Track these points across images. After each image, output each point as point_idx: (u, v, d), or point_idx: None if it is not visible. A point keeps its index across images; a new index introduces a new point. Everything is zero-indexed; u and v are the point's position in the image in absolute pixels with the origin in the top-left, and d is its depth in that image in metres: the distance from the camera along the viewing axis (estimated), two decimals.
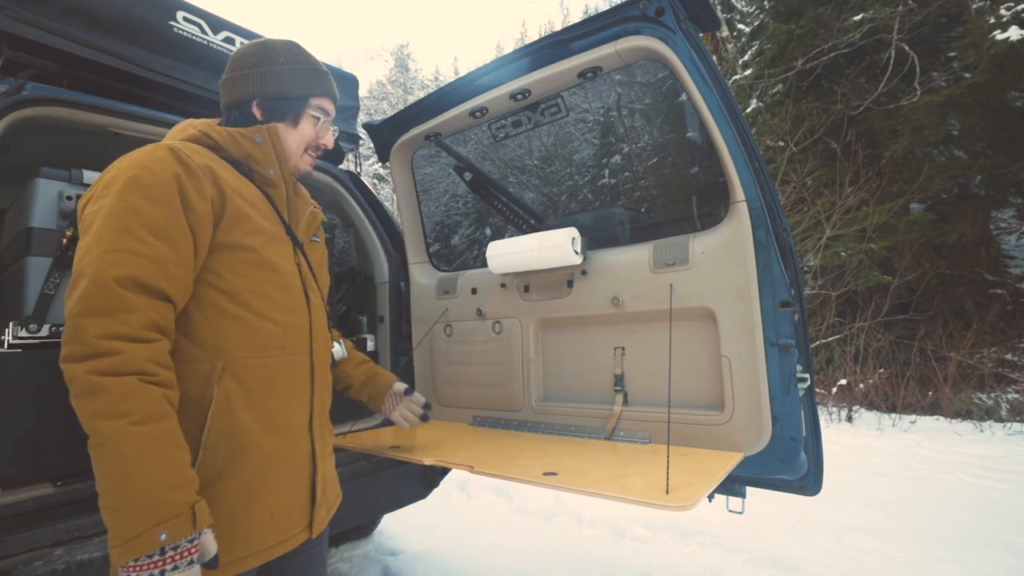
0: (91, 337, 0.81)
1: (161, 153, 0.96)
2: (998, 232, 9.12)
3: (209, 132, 1.08)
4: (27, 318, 1.53)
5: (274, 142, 1.12)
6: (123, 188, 0.90)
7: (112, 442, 0.80)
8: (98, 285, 0.83)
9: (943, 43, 8.03)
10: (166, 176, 0.93)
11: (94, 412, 0.80)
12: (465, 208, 5.33)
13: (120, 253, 0.85)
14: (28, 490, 1.42)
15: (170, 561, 0.79)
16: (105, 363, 0.81)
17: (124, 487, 0.79)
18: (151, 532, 0.78)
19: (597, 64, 1.75)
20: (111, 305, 0.83)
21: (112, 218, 0.87)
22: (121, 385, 0.81)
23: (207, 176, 0.98)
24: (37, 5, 1.58)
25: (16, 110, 1.46)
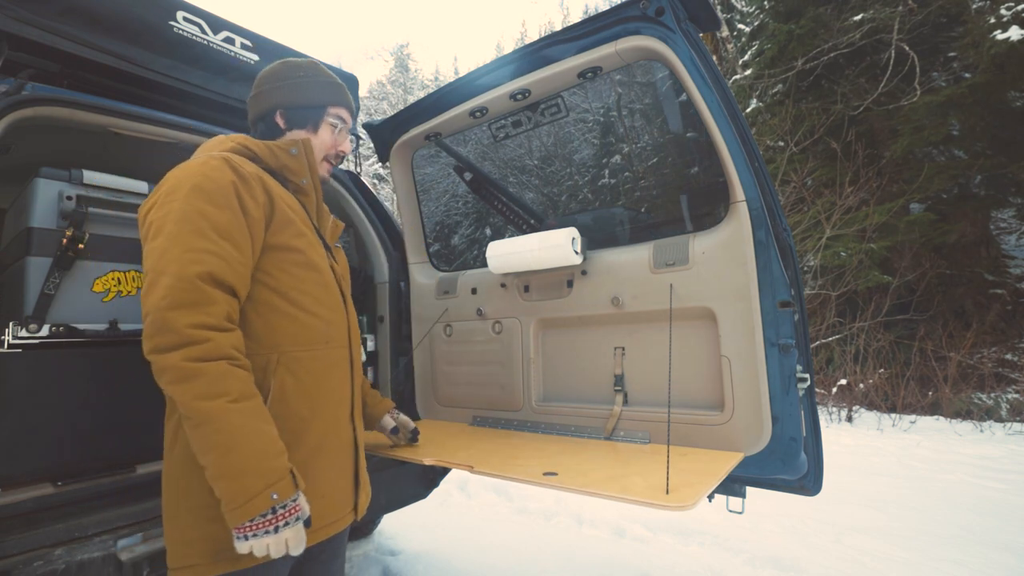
0: (182, 327, 0.89)
1: (216, 163, 1.04)
2: (998, 232, 9.12)
3: (248, 144, 1.15)
4: (27, 318, 1.53)
5: (307, 154, 1.22)
6: (189, 194, 0.99)
7: (216, 419, 0.88)
8: (183, 281, 0.91)
9: (943, 43, 8.03)
10: (225, 183, 1.02)
11: (195, 394, 0.88)
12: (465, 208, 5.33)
13: (198, 252, 0.94)
14: (28, 490, 1.42)
15: (281, 518, 0.91)
16: (198, 350, 0.89)
17: (234, 457, 0.88)
18: (264, 494, 0.89)
19: (597, 64, 1.75)
20: (196, 298, 0.92)
21: (184, 221, 0.96)
22: (215, 368, 0.90)
23: (258, 183, 1.08)
24: (37, 5, 1.58)
25: (16, 110, 1.46)
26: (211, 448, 0.89)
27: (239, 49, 2.08)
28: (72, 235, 1.60)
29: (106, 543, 1.33)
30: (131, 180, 1.81)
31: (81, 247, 1.63)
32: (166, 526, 1.04)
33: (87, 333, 1.64)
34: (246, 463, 0.89)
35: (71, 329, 1.60)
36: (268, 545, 0.90)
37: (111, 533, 1.37)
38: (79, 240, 1.62)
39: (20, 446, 1.43)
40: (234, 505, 0.88)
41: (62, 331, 1.58)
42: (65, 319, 1.61)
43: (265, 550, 0.90)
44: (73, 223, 1.62)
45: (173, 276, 0.91)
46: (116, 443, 1.64)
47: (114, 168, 1.86)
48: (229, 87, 2.07)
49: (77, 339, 1.61)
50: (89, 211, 1.66)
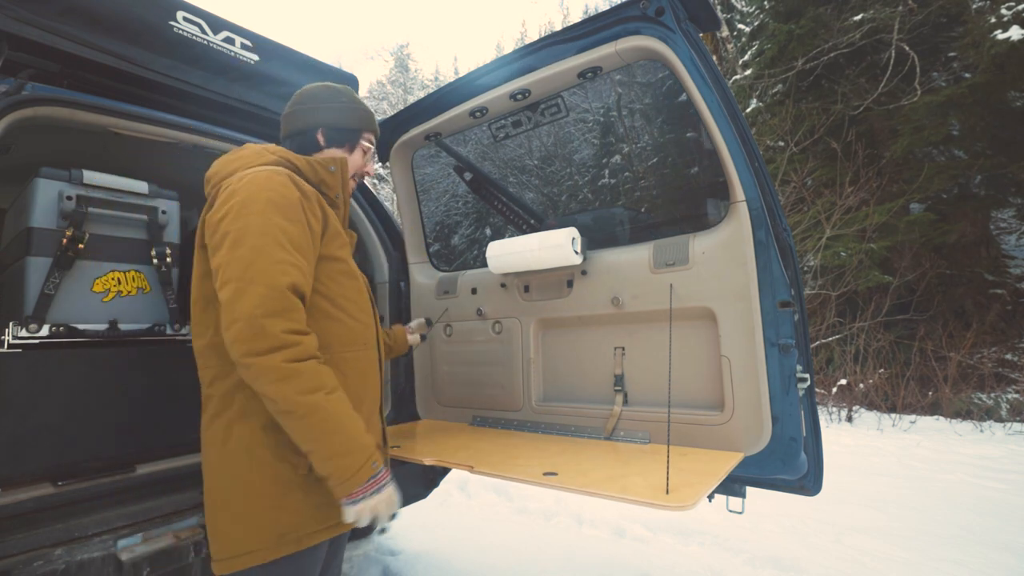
0: (278, 333, 1.00)
1: (283, 179, 1.14)
2: (998, 232, 9.12)
3: (291, 159, 1.24)
4: (27, 318, 1.53)
5: (343, 171, 1.33)
6: (265, 208, 1.08)
7: (320, 409, 1.02)
8: (275, 290, 1.02)
9: (943, 43, 8.03)
10: (294, 199, 1.13)
11: (298, 390, 1.00)
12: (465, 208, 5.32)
13: (284, 264, 1.05)
14: (28, 490, 1.42)
15: (381, 479, 1.09)
16: (294, 352, 1.01)
17: (340, 438, 1.04)
18: (367, 463, 1.06)
19: (597, 64, 1.75)
20: (287, 306, 1.03)
21: (267, 235, 1.06)
22: (309, 367, 1.02)
23: (316, 200, 1.20)
24: (37, 5, 1.58)
25: (16, 110, 1.46)
26: (318, 435, 1.02)
27: (239, 49, 2.08)
28: (72, 235, 1.60)
29: (106, 543, 1.33)
30: (131, 180, 1.81)
31: (81, 247, 1.63)
32: (218, 515, 1.12)
33: (87, 333, 1.64)
34: (351, 442, 1.05)
35: (71, 329, 1.60)
36: (376, 503, 1.07)
37: (111, 533, 1.37)
38: (79, 240, 1.62)
39: (20, 446, 1.43)
40: (345, 476, 1.04)
41: (62, 331, 1.58)
42: (65, 319, 1.61)
43: (372, 510, 1.07)
44: (73, 223, 1.62)
45: (266, 286, 1.01)
46: (116, 443, 1.64)
47: (114, 168, 1.86)
48: (229, 87, 2.07)
49: (77, 339, 1.61)
50: (89, 211, 1.66)
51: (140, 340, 1.77)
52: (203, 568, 1.48)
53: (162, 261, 1.83)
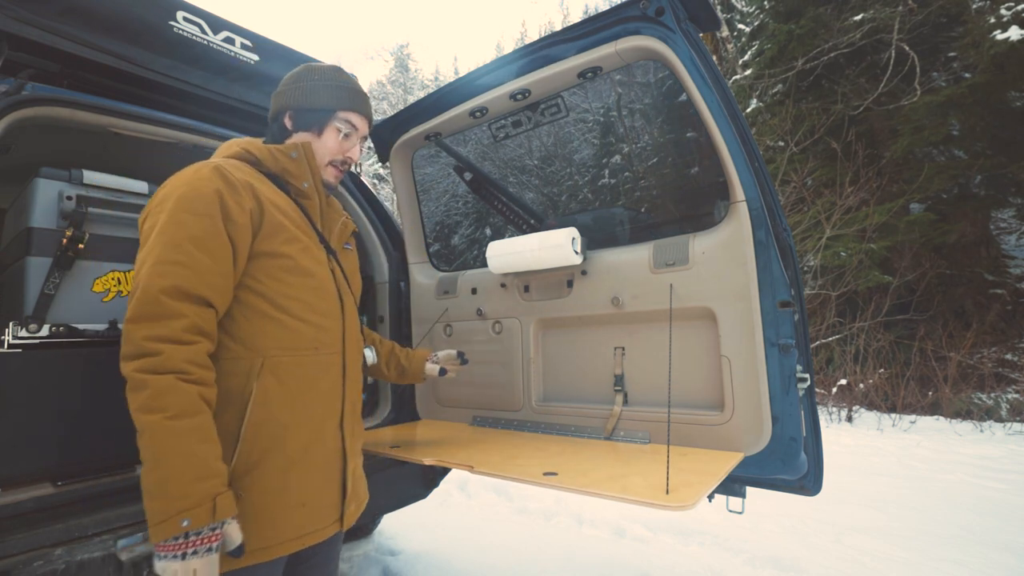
0: (138, 339, 0.92)
1: (205, 172, 1.05)
2: (998, 232, 9.12)
3: (250, 149, 1.18)
4: (27, 318, 1.53)
5: (308, 158, 1.22)
6: (174, 206, 1.01)
7: (150, 434, 0.90)
8: (146, 295, 0.94)
9: (943, 43, 8.03)
10: (208, 191, 1.03)
11: (137, 406, 0.91)
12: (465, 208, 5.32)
13: (166, 265, 0.96)
14: (28, 490, 1.42)
15: (191, 545, 0.88)
16: (149, 362, 0.92)
17: (157, 476, 0.89)
18: (175, 518, 0.87)
19: (597, 64, 1.75)
20: (156, 312, 0.94)
21: (162, 233, 0.98)
22: (160, 382, 0.91)
23: (247, 190, 1.08)
24: (37, 5, 1.58)
25: (16, 110, 1.46)
26: (144, 461, 0.91)
27: (239, 49, 2.08)
28: (72, 235, 1.60)
29: (106, 543, 1.33)
30: (131, 180, 1.81)
31: (81, 247, 1.63)
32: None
33: (87, 333, 1.64)
34: (166, 484, 0.88)
35: (71, 329, 1.60)
36: (176, 571, 0.87)
37: (111, 533, 1.36)
38: (79, 240, 1.62)
39: (20, 446, 1.43)
40: (152, 522, 0.88)
41: (62, 331, 1.58)
42: (65, 319, 1.61)
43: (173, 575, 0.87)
44: (73, 223, 1.62)
45: (140, 289, 0.95)
46: (116, 443, 1.64)
47: (114, 168, 1.86)
48: (229, 87, 2.07)
49: (77, 339, 1.61)
50: (89, 211, 1.66)
51: None
52: None
53: None
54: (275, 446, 1.06)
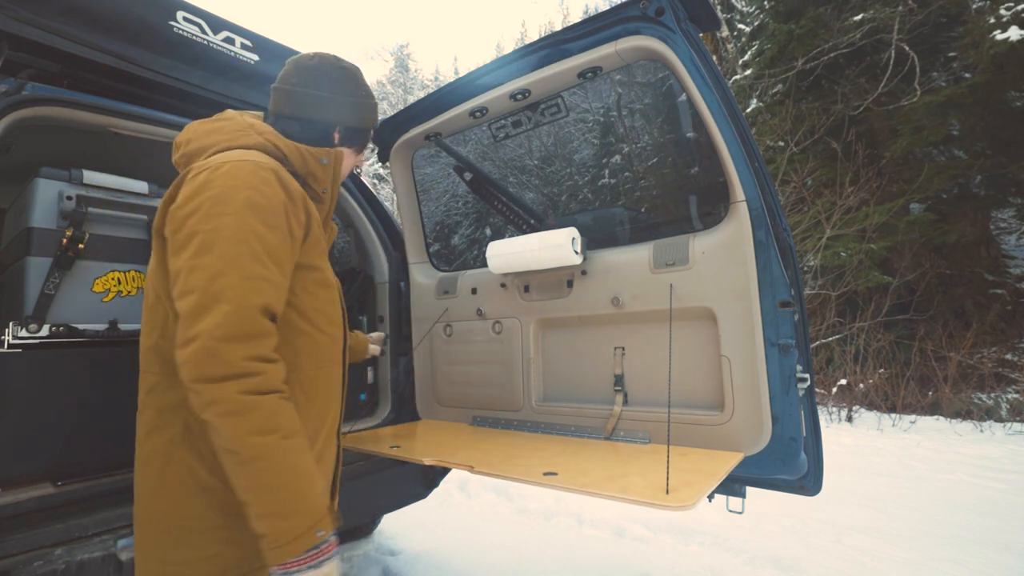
0: (238, 359, 0.85)
1: (267, 175, 0.98)
2: (998, 232, 9.12)
3: (278, 144, 1.09)
4: (27, 318, 1.53)
5: (336, 166, 1.17)
6: (242, 210, 0.93)
7: (269, 456, 0.86)
8: (243, 311, 0.88)
9: (943, 43, 8.03)
10: (277, 203, 0.97)
11: (249, 429, 0.85)
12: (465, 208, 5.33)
13: (256, 281, 0.91)
14: (28, 490, 1.42)
15: (323, 553, 0.90)
16: (253, 383, 0.86)
17: (283, 496, 0.87)
18: (310, 531, 0.88)
19: (597, 64, 1.75)
20: (255, 331, 0.89)
21: (241, 243, 0.91)
22: (269, 403, 0.88)
23: (302, 204, 1.04)
24: (37, 5, 1.58)
25: (16, 110, 1.46)
26: (259, 486, 0.87)
27: (239, 49, 2.08)
28: (72, 235, 1.60)
29: (106, 543, 1.33)
30: (131, 180, 1.81)
31: (81, 247, 1.63)
32: (151, 545, 0.99)
33: (87, 333, 1.64)
34: (296, 503, 0.88)
35: (71, 329, 1.60)
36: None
37: (111, 533, 1.37)
38: (79, 240, 1.62)
39: (20, 446, 1.43)
40: (280, 543, 0.86)
41: (62, 331, 1.58)
42: (65, 319, 1.61)
43: None
44: (73, 223, 1.62)
45: (233, 305, 0.87)
46: (116, 443, 1.64)
47: (114, 168, 1.86)
48: (229, 87, 2.07)
49: (77, 339, 1.61)
50: (89, 211, 1.67)
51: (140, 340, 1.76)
52: None
53: None
54: None
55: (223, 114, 1.18)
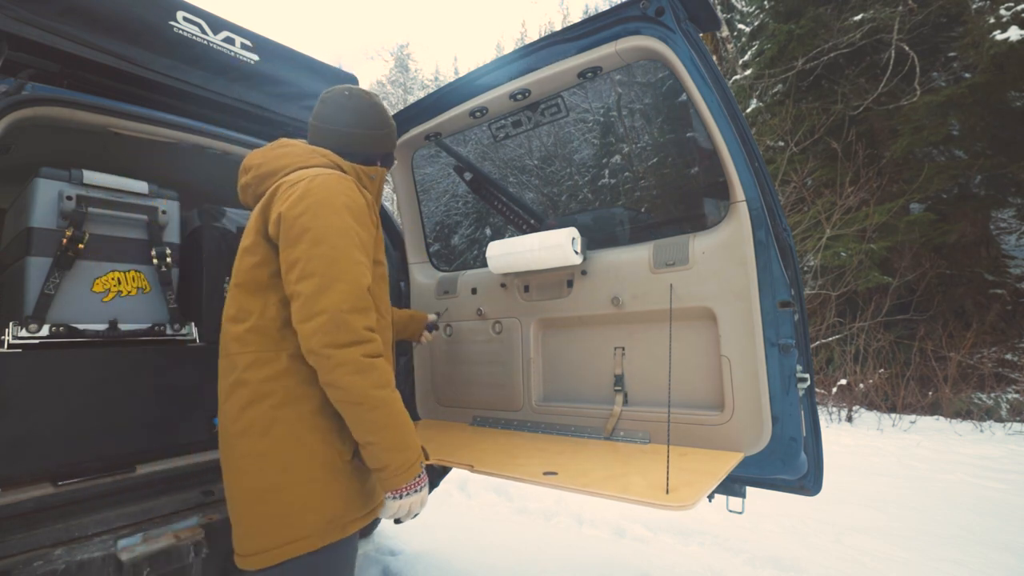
0: (360, 328, 1.07)
1: (352, 185, 1.23)
2: (998, 232, 9.12)
3: (339, 163, 1.33)
4: (27, 318, 1.53)
5: (380, 180, 1.45)
6: (342, 211, 1.16)
7: (387, 405, 1.10)
8: (359, 289, 1.11)
9: (943, 43, 8.02)
10: (363, 205, 1.22)
11: (371, 384, 1.07)
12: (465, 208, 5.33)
13: (362, 266, 1.14)
14: (28, 490, 1.42)
15: (423, 482, 1.18)
16: (371, 348, 1.08)
17: (400, 434, 1.11)
18: (417, 463, 1.16)
19: (597, 64, 1.75)
20: (366, 305, 1.11)
21: (345, 236, 1.13)
22: (381, 364, 1.10)
23: (374, 209, 1.31)
24: (37, 5, 1.58)
25: (16, 110, 1.46)
26: (383, 427, 1.09)
27: (239, 49, 2.08)
28: (72, 235, 1.61)
29: (106, 543, 1.33)
30: (131, 180, 1.81)
31: (81, 247, 1.63)
32: (258, 506, 1.11)
33: (87, 333, 1.64)
34: (409, 439, 1.13)
35: (71, 329, 1.61)
36: (414, 501, 1.17)
37: (111, 533, 1.37)
38: (79, 240, 1.62)
39: (20, 446, 1.43)
40: (400, 471, 1.12)
41: (62, 331, 1.58)
42: (65, 319, 1.61)
43: (410, 507, 1.17)
44: (73, 223, 1.62)
45: (350, 284, 1.09)
46: (116, 443, 1.64)
47: (114, 168, 1.86)
48: (229, 87, 2.07)
49: (77, 339, 1.61)
50: (89, 211, 1.67)
51: (140, 340, 1.77)
52: (203, 568, 1.48)
53: (162, 261, 1.83)
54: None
55: (282, 142, 1.38)
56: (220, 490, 1.64)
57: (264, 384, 1.14)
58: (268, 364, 1.15)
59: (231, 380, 1.18)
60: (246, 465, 1.13)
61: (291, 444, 1.12)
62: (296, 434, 1.12)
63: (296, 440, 1.12)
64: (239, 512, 1.15)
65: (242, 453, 1.14)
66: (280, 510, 1.10)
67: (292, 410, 1.13)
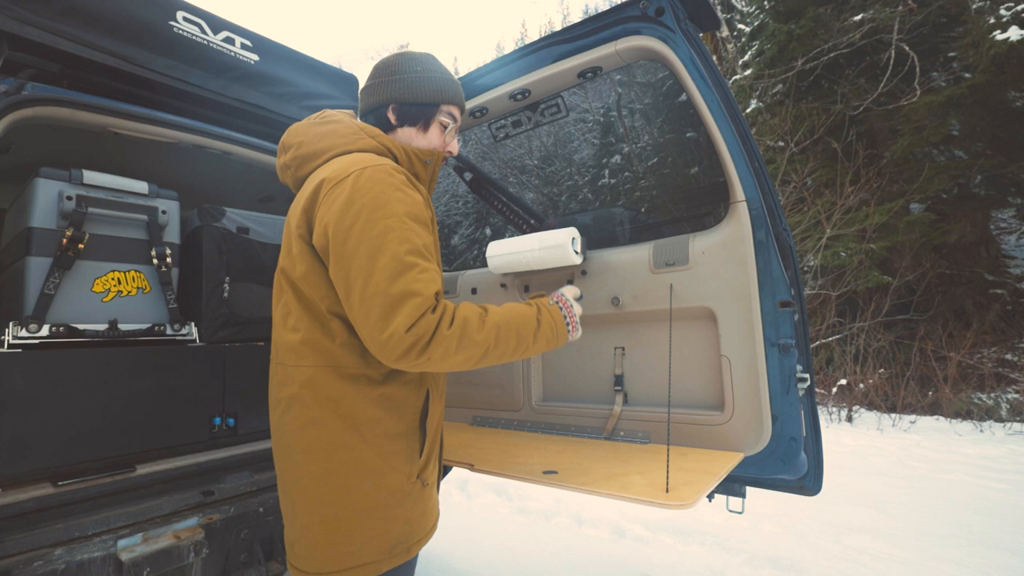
0: (428, 333, 0.98)
1: (403, 178, 1.08)
2: (998, 232, 9.12)
3: (389, 147, 1.17)
4: (27, 318, 1.53)
5: (436, 167, 1.25)
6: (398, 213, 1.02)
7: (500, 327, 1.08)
8: (426, 301, 1.00)
9: (943, 43, 8.02)
10: (419, 201, 1.08)
11: (474, 341, 1.03)
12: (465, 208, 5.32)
13: (430, 273, 1.04)
14: (28, 490, 1.42)
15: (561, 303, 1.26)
16: (446, 321, 1.00)
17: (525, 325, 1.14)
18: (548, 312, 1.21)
19: (597, 64, 1.75)
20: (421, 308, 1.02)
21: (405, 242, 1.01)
22: (459, 318, 1.03)
23: (429, 203, 1.17)
24: (37, 5, 1.58)
25: (16, 110, 1.46)
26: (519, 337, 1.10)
27: (239, 49, 2.08)
28: (72, 235, 1.60)
29: (106, 543, 1.33)
30: (131, 180, 1.81)
31: (81, 247, 1.63)
32: (322, 529, 1.05)
33: (87, 333, 1.64)
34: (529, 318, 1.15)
35: (71, 329, 1.61)
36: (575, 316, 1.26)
37: (111, 533, 1.37)
38: (79, 240, 1.62)
39: (20, 446, 1.43)
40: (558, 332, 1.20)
41: (62, 331, 1.58)
42: (65, 319, 1.61)
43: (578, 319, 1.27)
44: (73, 223, 1.62)
45: (417, 297, 0.97)
46: (116, 443, 1.64)
47: (114, 168, 1.86)
48: (229, 87, 2.07)
49: (77, 339, 1.61)
50: (89, 211, 1.67)
51: (140, 340, 1.77)
52: (203, 568, 1.48)
53: (162, 261, 1.83)
54: (435, 436, 1.19)
55: (326, 115, 1.22)
56: (220, 490, 1.64)
57: (325, 404, 1.06)
58: (327, 385, 1.06)
59: (288, 394, 1.10)
60: (309, 485, 1.07)
61: (354, 470, 1.05)
62: (359, 459, 1.05)
63: (359, 465, 1.05)
64: (300, 526, 1.08)
65: (306, 472, 1.07)
66: (344, 537, 1.04)
67: (354, 435, 1.05)
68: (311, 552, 1.06)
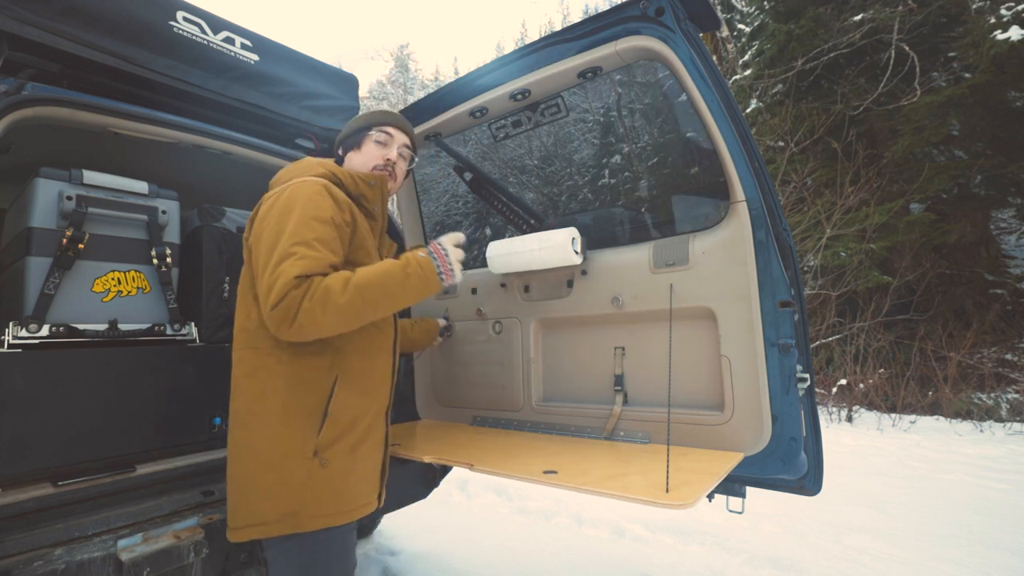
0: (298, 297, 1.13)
1: (319, 188, 1.26)
2: (998, 232, 9.12)
3: (336, 172, 1.37)
4: (27, 318, 1.53)
5: (381, 187, 1.44)
6: (298, 209, 1.21)
7: (358, 291, 1.15)
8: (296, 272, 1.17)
9: (943, 43, 8.02)
10: (326, 206, 1.24)
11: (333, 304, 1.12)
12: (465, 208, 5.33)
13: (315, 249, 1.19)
14: (28, 490, 1.42)
15: (434, 252, 1.32)
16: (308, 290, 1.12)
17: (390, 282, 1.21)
18: (416, 267, 1.26)
19: (597, 64, 1.75)
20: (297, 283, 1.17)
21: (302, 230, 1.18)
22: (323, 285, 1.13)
23: (347, 209, 1.31)
24: (37, 5, 1.58)
25: (16, 110, 1.46)
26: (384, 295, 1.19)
27: (239, 49, 2.08)
28: (72, 235, 1.61)
29: (106, 543, 1.33)
30: (131, 180, 1.81)
31: (81, 247, 1.63)
32: (232, 490, 1.25)
33: (87, 333, 1.64)
34: (394, 274, 1.22)
35: (71, 329, 1.61)
36: (454, 261, 1.34)
37: (111, 533, 1.37)
38: (79, 240, 1.62)
39: (20, 446, 1.43)
40: (424, 284, 1.26)
41: (62, 331, 1.58)
42: (65, 319, 1.61)
43: (457, 268, 1.34)
44: (73, 223, 1.62)
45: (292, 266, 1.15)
46: (116, 443, 1.64)
47: (114, 168, 1.86)
48: (229, 87, 2.07)
49: (77, 339, 1.61)
50: (89, 211, 1.67)
51: (140, 340, 1.77)
52: (203, 568, 1.48)
53: (162, 261, 1.83)
54: (350, 427, 1.28)
55: (302, 159, 1.46)
56: (220, 490, 1.64)
57: (243, 380, 1.26)
58: (245, 361, 1.26)
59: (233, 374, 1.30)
60: (232, 450, 1.27)
61: (258, 435, 1.21)
62: (265, 424, 1.21)
63: (264, 431, 1.21)
64: (228, 492, 1.28)
65: (231, 442, 1.28)
66: (244, 497, 1.22)
67: (263, 403, 1.22)
68: (231, 511, 1.25)
